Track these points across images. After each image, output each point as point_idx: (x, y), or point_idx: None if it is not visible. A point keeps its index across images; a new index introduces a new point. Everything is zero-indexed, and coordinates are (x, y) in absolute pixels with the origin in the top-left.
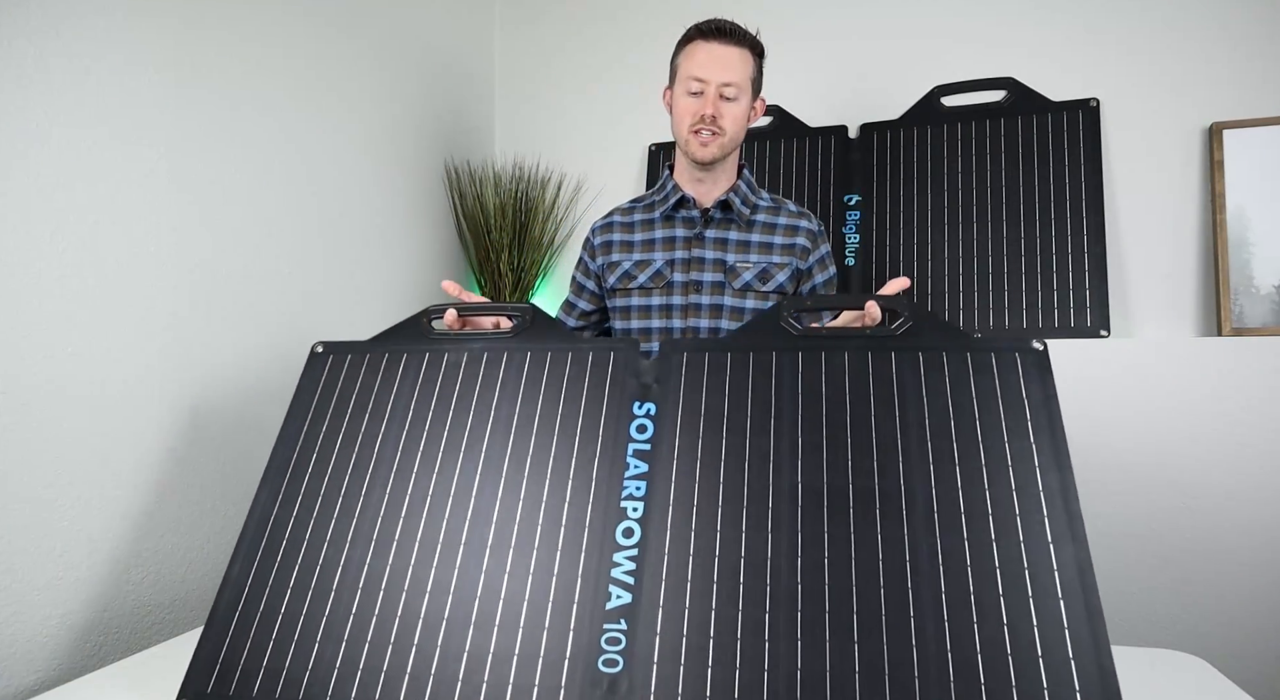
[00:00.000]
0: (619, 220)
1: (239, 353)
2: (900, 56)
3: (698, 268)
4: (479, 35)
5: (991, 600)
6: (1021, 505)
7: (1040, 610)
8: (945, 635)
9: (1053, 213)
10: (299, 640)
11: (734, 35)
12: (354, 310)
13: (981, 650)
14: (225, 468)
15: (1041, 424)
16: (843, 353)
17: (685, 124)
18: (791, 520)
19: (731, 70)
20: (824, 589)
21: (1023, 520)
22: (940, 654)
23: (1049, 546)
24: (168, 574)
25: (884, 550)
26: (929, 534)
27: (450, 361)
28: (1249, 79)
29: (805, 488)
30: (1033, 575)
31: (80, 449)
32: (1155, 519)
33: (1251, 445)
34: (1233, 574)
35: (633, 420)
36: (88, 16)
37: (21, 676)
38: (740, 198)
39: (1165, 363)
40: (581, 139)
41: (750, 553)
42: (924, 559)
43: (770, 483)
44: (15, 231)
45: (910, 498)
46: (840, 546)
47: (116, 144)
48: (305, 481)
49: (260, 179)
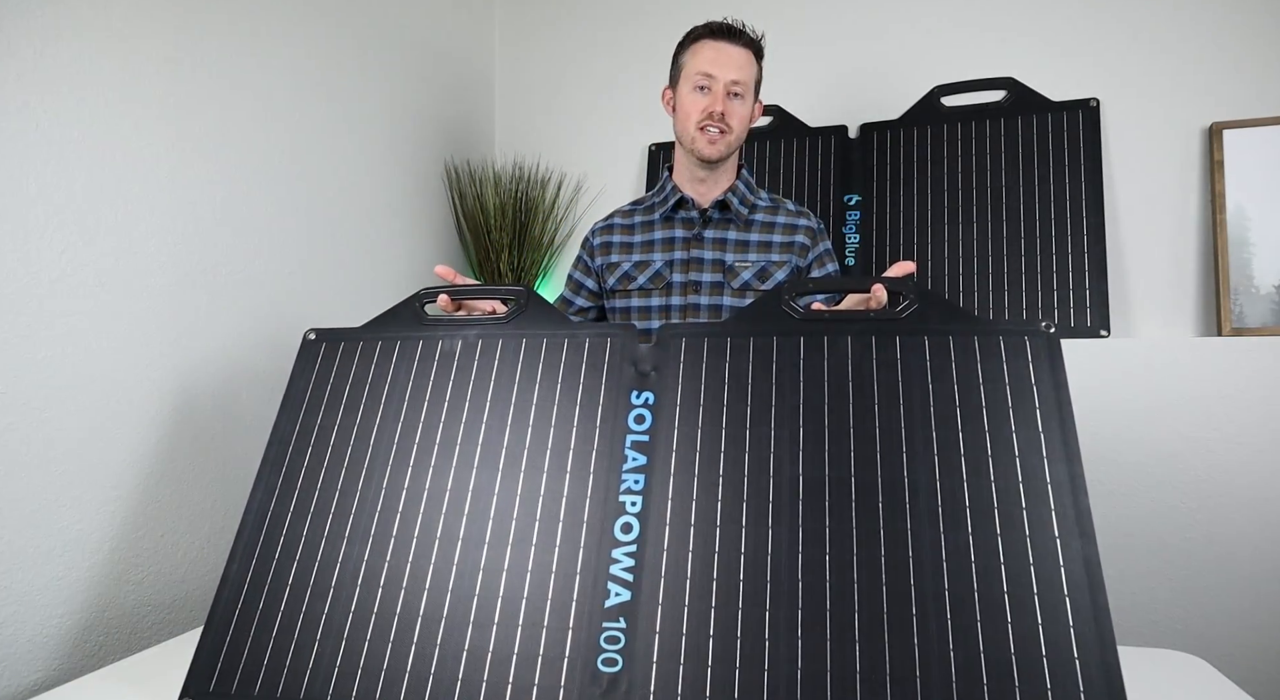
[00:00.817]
0: (619, 222)
1: (239, 353)
2: (900, 56)
3: (696, 268)
4: (479, 35)
5: (996, 597)
6: (1028, 498)
7: (1045, 607)
8: (948, 633)
9: (1053, 213)
10: (299, 639)
11: (739, 36)
12: (354, 310)
13: (984, 649)
14: (225, 467)
15: (1050, 412)
16: (845, 337)
17: (692, 120)
18: (792, 515)
19: (739, 69)
20: (825, 587)
21: (1029, 514)
22: (943, 653)
23: (1055, 542)
24: (168, 574)
25: (886, 546)
26: (933, 528)
27: (445, 349)
28: (1249, 79)
29: (806, 481)
30: (1038, 572)
31: (80, 448)
32: (1155, 519)
33: (1251, 445)
34: (1233, 574)
35: (630, 410)
36: (88, 16)
37: (22, 676)
38: (739, 197)
39: (1165, 363)
40: (581, 139)
41: (750, 549)
42: (927, 555)
43: (771, 475)
44: (15, 231)
45: (914, 490)
46: (842, 542)
47: (116, 143)
48: (301, 477)
49: (260, 179)
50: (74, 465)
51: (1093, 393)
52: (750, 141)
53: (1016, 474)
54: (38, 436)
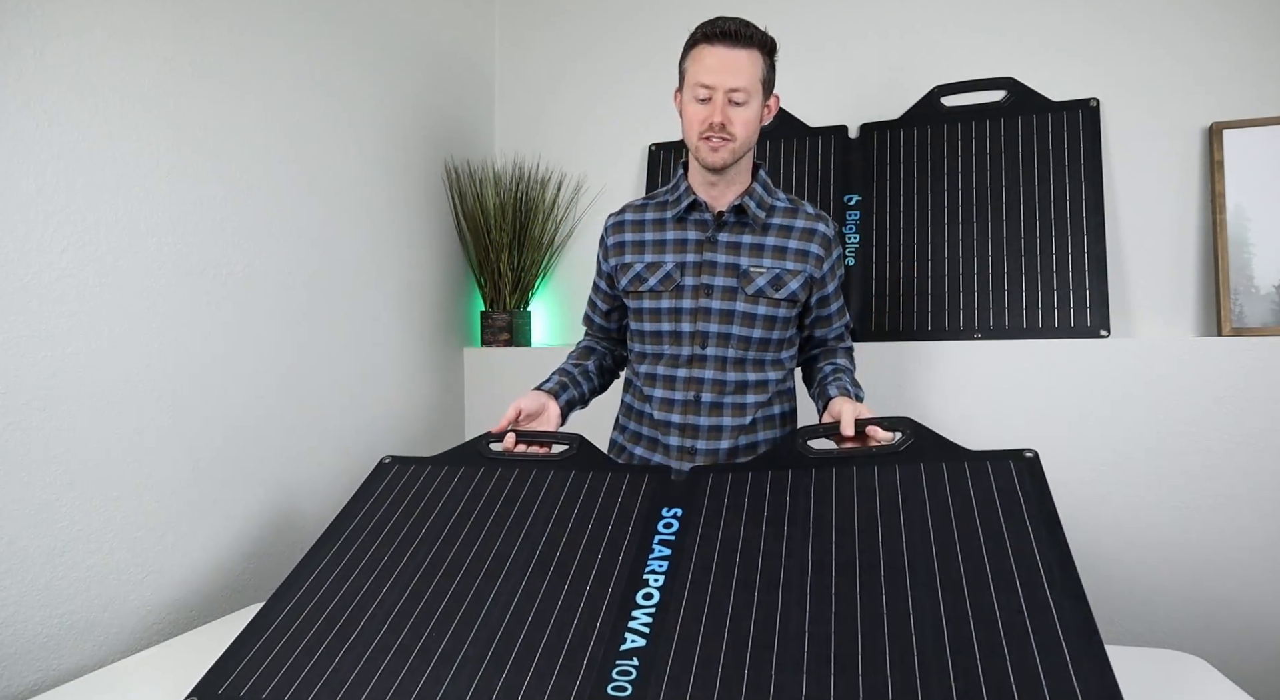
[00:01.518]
0: (630, 218)
1: (239, 352)
2: (900, 56)
3: (709, 271)
4: (479, 35)
5: (994, 644)
6: (1021, 573)
7: (1043, 655)
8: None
9: (1053, 213)
10: (316, 662)
11: (740, 37)
12: (354, 309)
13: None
14: (225, 467)
15: (1035, 515)
16: (851, 466)
17: (695, 131)
18: (800, 586)
19: (739, 74)
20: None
21: (1022, 583)
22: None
23: (1049, 603)
24: (168, 574)
25: (888, 606)
26: (931, 598)
27: (497, 484)
28: (1249, 79)
29: (815, 564)
30: (1034, 627)
31: (80, 449)
32: (1155, 519)
33: (1251, 445)
34: (1233, 574)
35: (660, 519)
36: (88, 16)
37: (22, 676)
38: (756, 200)
39: (1165, 363)
40: (581, 139)
41: (760, 617)
42: (927, 616)
43: (783, 563)
44: (15, 231)
45: (913, 569)
46: (846, 606)
47: (116, 143)
48: (338, 577)
49: (260, 178)
50: (74, 465)
51: (1093, 393)
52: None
53: (1009, 556)
54: (38, 436)
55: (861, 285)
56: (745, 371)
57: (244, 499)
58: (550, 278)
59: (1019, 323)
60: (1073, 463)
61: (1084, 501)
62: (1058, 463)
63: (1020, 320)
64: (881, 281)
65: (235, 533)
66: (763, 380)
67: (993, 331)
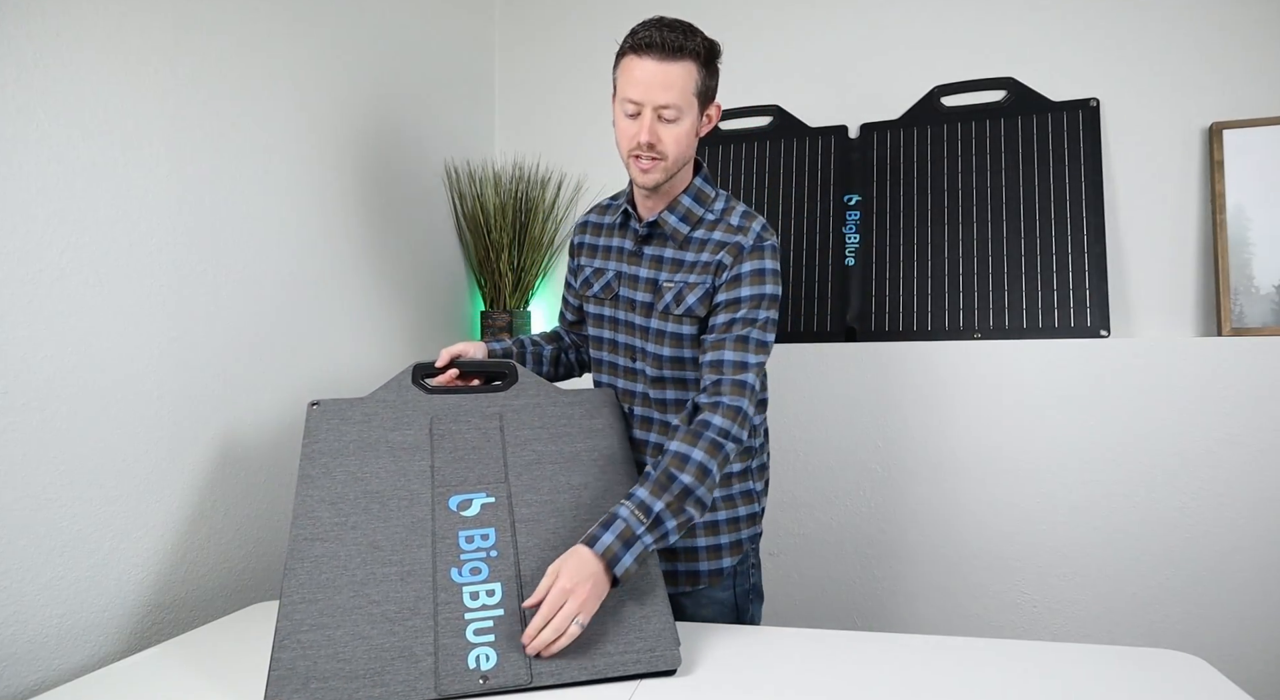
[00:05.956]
0: (592, 220)
1: (238, 352)
2: (900, 56)
3: (630, 285)
4: (479, 35)
5: None
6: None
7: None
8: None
9: (1053, 213)
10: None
11: (669, 48)
12: (354, 309)
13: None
14: (225, 467)
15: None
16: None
17: (625, 147)
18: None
19: (669, 90)
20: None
21: None
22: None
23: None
24: (168, 574)
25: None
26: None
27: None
28: (1249, 79)
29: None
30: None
31: (80, 449)
32: (1155, 518)
33: (1251, 445)
34: (1232, 574)
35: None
36: (88, 17)
37: (22, 676)
38: (680, 214)
39: (1165, 363)
40: (581, 139)
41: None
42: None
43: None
44: (15, 231)
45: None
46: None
47: (116, 144)
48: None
49: (260, 178)
50: (74, 465)
51: (1093, 393)
52: (750, 141)
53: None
54: (38, 436)
55: (861, 285)
56: (665, 389)
57: (244, 499)
58: (550, 278)
59: (1019, 323)
60: (1072, 462)
61: (1083, 501)
62: (1057, 462)
63: (1020, 320)
64: (881, 281)
65: (235, 532)
66: (683, 401)
67: (992, 331)
